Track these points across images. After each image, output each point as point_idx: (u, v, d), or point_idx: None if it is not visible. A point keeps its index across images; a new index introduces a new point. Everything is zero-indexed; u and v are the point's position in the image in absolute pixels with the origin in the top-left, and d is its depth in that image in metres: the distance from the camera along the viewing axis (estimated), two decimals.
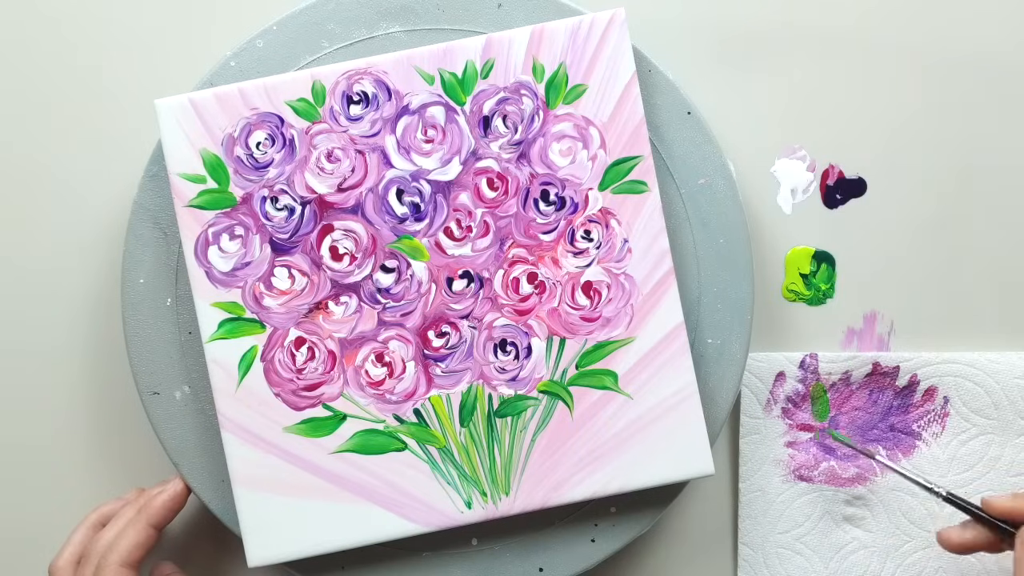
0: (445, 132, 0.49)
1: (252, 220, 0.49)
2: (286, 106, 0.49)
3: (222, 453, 0.50)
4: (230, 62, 0.51)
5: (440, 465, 0.49)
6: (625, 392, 0.49)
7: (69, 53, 0.56)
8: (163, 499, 0.50)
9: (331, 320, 0.49)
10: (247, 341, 0.49)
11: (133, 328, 0.51)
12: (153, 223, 0.51)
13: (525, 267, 0.49)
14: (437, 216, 0.49)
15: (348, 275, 0.49)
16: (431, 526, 0.49)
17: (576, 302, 0.49)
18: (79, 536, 0.50)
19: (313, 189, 0.49)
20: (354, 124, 0.49)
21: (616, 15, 0.49)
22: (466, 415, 0.49)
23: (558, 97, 0.49)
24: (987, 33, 0.56)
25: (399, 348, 0.49)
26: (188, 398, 0.51)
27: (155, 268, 0.51)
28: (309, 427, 0.49)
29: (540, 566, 0.51)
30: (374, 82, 0.49)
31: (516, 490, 0.49)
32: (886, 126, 0.56)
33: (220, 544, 0.56)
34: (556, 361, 0.49)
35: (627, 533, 0.51)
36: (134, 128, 0.55)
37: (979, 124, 0.56)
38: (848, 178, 0.56)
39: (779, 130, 0.56)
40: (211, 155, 0.49)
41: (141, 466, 0.56)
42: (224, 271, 0.49)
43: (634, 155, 0.49)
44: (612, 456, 0.49)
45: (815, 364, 0.55)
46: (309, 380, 0.49)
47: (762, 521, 0.55)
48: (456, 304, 0.49)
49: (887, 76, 0.56)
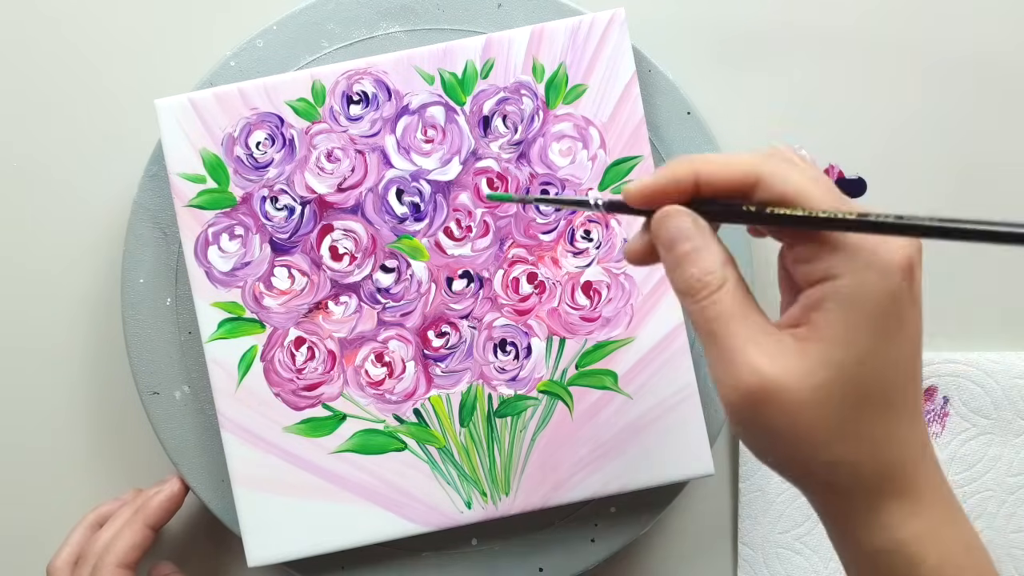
0: (445, 132, 0.49)
1: (252, 220, 0.49)
2: (286, 106, 0.49)
3: (222, 453, 0.50)
4: (230, 62, 0.51)
5: (440, 465, 0.49)
6: (625, 392, 0.49)
7: (69, 53, 0.56)
8: (160, 500, 0.50)
9: (331, 320, 0.49)
10: (247, 341, 0.49)
11: (133, 328, 0.51)
12: (153, 223, 0.51)
13: (525, 267, 0.49)
14: (437, 216, 0.49)
15: (348, 275, 0.49)
16: (431, 526, 0.49)
17: (576, 302, 0.49)
18: (76, 536, 0.50)
19: (313, 189, 0.49)
20: (354, 124, 0.49)
21: (616, 15, 0.49)
22: (466, 415, 0.49)
23: (558, 97, 0.49)
24: (987, 33, 0.56)
25: (399, 348, 0.49)
26: (188, 398, 0.51)
27: (155, 268, 0.51)
28: (309, 427, 0.49)
29: (540, 566, 0.51)
30: (374, 82, 0.49)
31: (516, 490, 0.49)
32: (886, 126, 0.56)
33: (220, 544, 0.56)
34: (556, 361, 0.49)
35: (627, 533, 0.51)
36: (134, 128, 0.55)
37: (979, 124, 0.56)
38: (848, 178, 0.56)
39: (779, 130, 0.56)
40: (211, 155, 0.49)
41: (141, 466, 0.56)
42: (224, 271, 0.49)
43: (634, 155, 0.49)
44: (612, 456, 0.49)
45: None
46: (309, 380, 0.49)
47: (762, 521, 0.55)
48: (456, 304, 0.49)
49: (887, 76, 0.56)
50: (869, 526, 0.32)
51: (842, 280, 0.30)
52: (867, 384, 0.31)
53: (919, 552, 0.32)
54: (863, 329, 0.30)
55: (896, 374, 0.31)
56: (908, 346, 0.31)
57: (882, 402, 0.31)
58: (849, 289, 0.30)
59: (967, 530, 0.33)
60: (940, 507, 0.32)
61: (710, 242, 0.33)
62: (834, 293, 0.30)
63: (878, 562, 0.32)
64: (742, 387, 0.31)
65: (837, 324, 0.30)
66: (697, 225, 0.33)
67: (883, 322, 0.30)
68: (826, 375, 0.30)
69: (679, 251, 0.32)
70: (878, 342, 0.30)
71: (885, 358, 0.31)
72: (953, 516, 0.33)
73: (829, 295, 0.30)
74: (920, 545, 0.32)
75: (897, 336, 0.31)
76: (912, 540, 0.32)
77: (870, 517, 0.32)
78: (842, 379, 0.30)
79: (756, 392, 0.30)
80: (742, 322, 0.31)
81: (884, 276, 0.30)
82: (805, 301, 0.31)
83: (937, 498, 0.32)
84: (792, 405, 0.30)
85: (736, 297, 0.32)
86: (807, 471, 0.32)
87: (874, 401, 0.31)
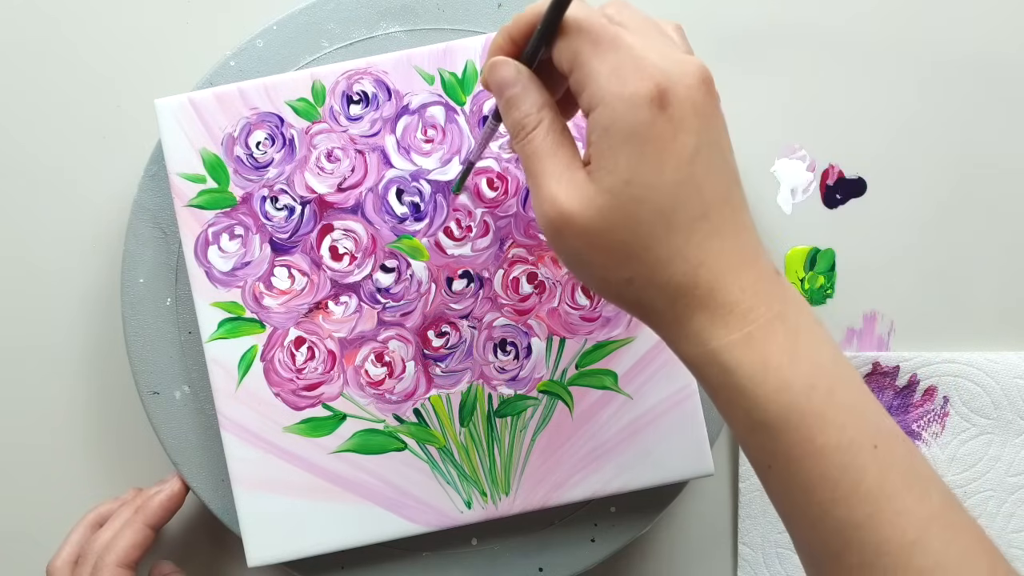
0: (445, 132, 0.49)
1: (252, 220, 0.49)
2: (286, 106, 0.49)
3: (222, 453, 0.50)
4: (230, 62, 0.51)
5: (440, 465, 0.49)
6: (625, 392, 0.49)
7: (69, 53, 0.56)
8: (160, 499, 0.50)
9: (331, 320, 0.49)
10: (247, 341, 0.49)
11: (133, 328, 0.51)
12: (153, 223, 0.51)
13: (525, 267, 0.49)
14: (437, 216, 0.49)
15: (348, 275, 0.49)
16: (431, 526, 0.49)
17: (576, 302, 0.49)
18: (76, 536, 0.50)
19: (313, 189, 0.49)
20: (354, 124, 0.49)
21: None
22: (466, 415, 0.49)
23: None
24: (987, 33, 0.56)
25: (399, 348, 0.49)
26: (188, 398, 0.51)
27: (155, 268, 0.51)
28: (309, 427, 0.49)
29: (540, 566, 0.51)
30: (374, 82, 0.49)
31: (516, 490, 0.49)
32: (886, 126, 0.56)
33: (220, 544, 0.56)
34: (556, 361, 0.49)
35: (627, 533, 0.51)
36: (134, 128, 0.55)
37: (979, 124, 0.56)
38: (848, 178, 0.56)
39: (779, 130, 0.56)
40: (211, 155, 0.49)
41: (140, 466, 0.56)
42: (224, 271, 0.49)
43: None
44: (612, 456, 0.49)
45: None
46: (309, 380, 0.49)
47: (762, 521, 0.55)
48: (456, 304, 0.49)
49: (887, 76, 0.56)
50: (680, 339, 0.35)
51: (597, 111, 0.33)
52: (640, 205, 0.33)
53: (730, 360, 0.33)
54: (621, 155, 0.32)
55: (673, 194, 0.33)
56: (681, 168, 0.33)
57: (662, 221, 0.33)
58: (603, 118, 0.33)
59: (808, 341, 0.34)
60: (764, 319, 0.33)
61: (529, 88, 0.36)
62: (594, 124, 0.33)
63: (698, 371, 0.35)
64: (545, 217, 0.34)
65: (601, 153, 0.33)
66: (518, 72, 0.36)
67: (639, 147, 0.32)
68: (603, 201, 0.33)
69: (505, 97, 0.36)
70: (639, 165, 0.32)
71: (653, 180, 0.33)
72: (789, 326, 0.34)
73: (592, 126, 0.33)
74: (731, 354, 0.33)
75: (660, 159, 0.32)
76: (722, 350, 0.33)
77: (678, 329, 0.34)
78: (617, 203, 0.33)
79: (555, 220, 0.34)
80: (550, 159, 0.35)
81: (631, 106, 0.32)
82: (587, 134, 0.34)
83: (761, 311, 0.33)
84: (583, 230, 0.33)
85: (549, 137, 0.35)
86: (612, 290, 0.35)
87: (652, 220, 0.33)
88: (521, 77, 0.36)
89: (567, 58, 0.34)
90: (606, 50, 0.33)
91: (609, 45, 0.33)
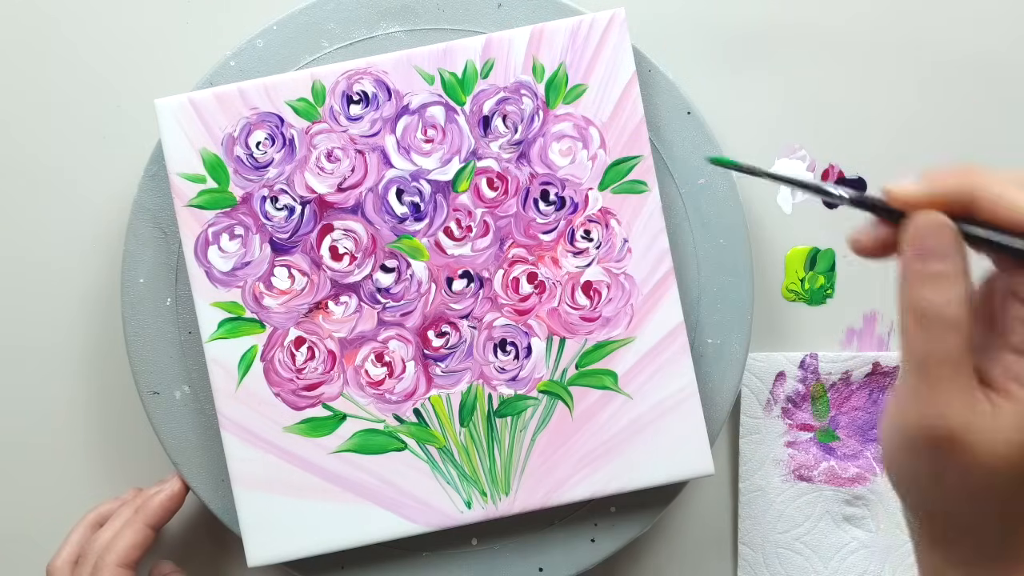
0: (445, 132, 0.49)
1: (252, 220, 0.49)
2: (286, 106, 0.49)
3: (222, 453, 0.50)
4: (230, 62, 0.51)
5: (440, 465, 0.49)
6: (625, 392, 0.49)
7: (69, 53, 0.56)
8: (160, 499, 0.50)
9: (331, 320, 0.49)
10: (247, 341, 0.49)
11: (133, 328, 0.51)
12: (153, 223, 0.51)
13: (525, 267, 0.49)
14: (437, 216, 0.49)
15: (348, 275, 0.49)
16: (431, 526, 0.49)
17: (576, 302, 0.49)
18: (76, 536, 0.50)
19: (313, 189, 0.49)
20: (354, 124, 0.49)
21: (616, 15, 0.49)
22: (466, 415, 0.49)
23: (558, 97, 0.49)
24: (987, 33, 0.56)
25: (399, 348, 0.49)
26: (188, 398, 0.51)
27: (155, 268, 0.51)
28: (309, 427, 0.49)
29: (540, 566, 0.51)
30: (374, 82, 0.49)
31: (516, 490, 0.49)
32: (886, 126, 0.56)
33: (220, 544, 0.56)
34: (556, 361, 0.49)
35: (627, 533, 0.51)
36: (134, 128, 0.55)
37: (979, 124, 0.56)
38: (848, 178, 0.56)
39: (779, 130, 0.56)
40: (211, 155, 0.49)
41: (141, 466, 0.56)
42: (224, 271, 0.49)
43: (634, 155, 0.49)
44: (612, 456, 0.49)
45: (815, 364, 0.55)
46: (309, 380, 0.49)
47: (762, 521, 0.55)
48: (456, 304, 0.49)
49: (887, 76, 0.56)
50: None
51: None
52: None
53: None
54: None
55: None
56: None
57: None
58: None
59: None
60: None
61: (962, 272, 0.30)
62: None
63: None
64: (930, 429, 0.29)
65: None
66: (959, 248, 0.30)
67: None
68: (1011, 453, 0.29)
69: (931, 268, 0.30)
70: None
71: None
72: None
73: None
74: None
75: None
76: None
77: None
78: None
79: (941, 439, 0.29)
80: (957, 371, 0.29)
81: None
82: (1010, 369, 0.30)
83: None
84: (970, 463, 0.29)
85: (962, 343, 0.29)
86: (949, 522, 0.31)
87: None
88: (960, 256, 0.30)
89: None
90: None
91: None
